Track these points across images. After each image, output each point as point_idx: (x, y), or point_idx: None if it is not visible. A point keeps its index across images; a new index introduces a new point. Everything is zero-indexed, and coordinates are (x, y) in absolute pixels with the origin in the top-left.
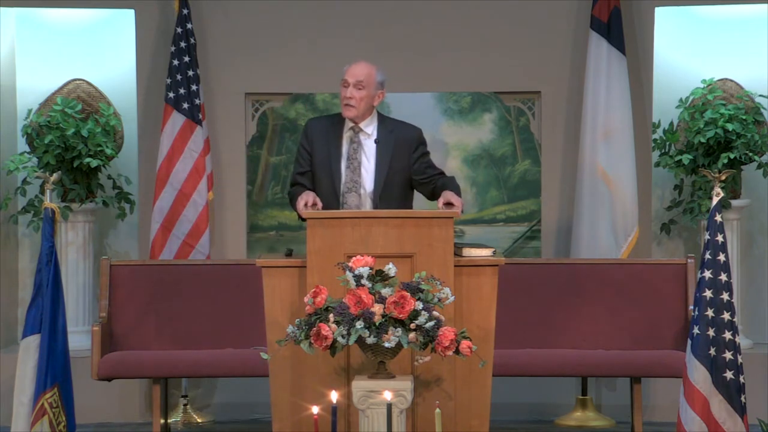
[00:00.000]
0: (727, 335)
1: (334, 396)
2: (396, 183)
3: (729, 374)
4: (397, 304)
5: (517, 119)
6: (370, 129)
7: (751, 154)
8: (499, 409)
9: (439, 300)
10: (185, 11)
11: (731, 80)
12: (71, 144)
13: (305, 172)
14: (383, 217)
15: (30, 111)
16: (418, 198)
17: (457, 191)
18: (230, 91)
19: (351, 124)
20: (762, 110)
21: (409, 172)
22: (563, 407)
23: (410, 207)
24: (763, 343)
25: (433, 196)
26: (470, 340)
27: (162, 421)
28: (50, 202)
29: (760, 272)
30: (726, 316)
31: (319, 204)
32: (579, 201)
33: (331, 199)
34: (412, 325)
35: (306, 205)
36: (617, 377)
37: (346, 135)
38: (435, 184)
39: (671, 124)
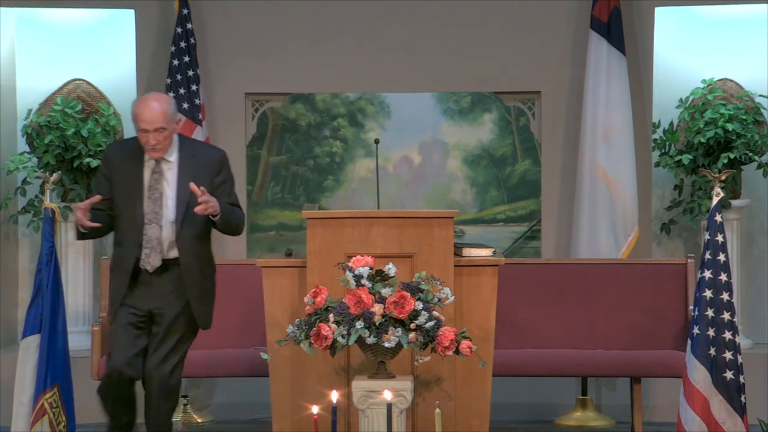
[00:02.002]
0: (727, 335)
1: (334, 396)
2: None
3: (729, 374)
4: (397, 304)
5: (517, 119)
6: (172, 157)
7: (751, 154)
8: (499, 409)
9: (439, 300)
10: (185, 11)
11: (731, 80)
12: (71, 144)
13: (104, 200)
14: (383, 217)
15: (30, 111)
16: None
17: (232, 216)
18: (230, 91)
19: None
20: (762, 110)
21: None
22: (563, 407)
23: (210, 234)
24: (763, 343)
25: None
26: (470, 340)
27: None
28: (50, 202)
29: (760, 272)
30: (726, 316)
31: (89, 202)
32: (579, 201)
33: (133, 230)
34: (412, 325)
35: (80, 213)
36: (617, 377)
37: (148, 164)
38: None
39: (671, 124)
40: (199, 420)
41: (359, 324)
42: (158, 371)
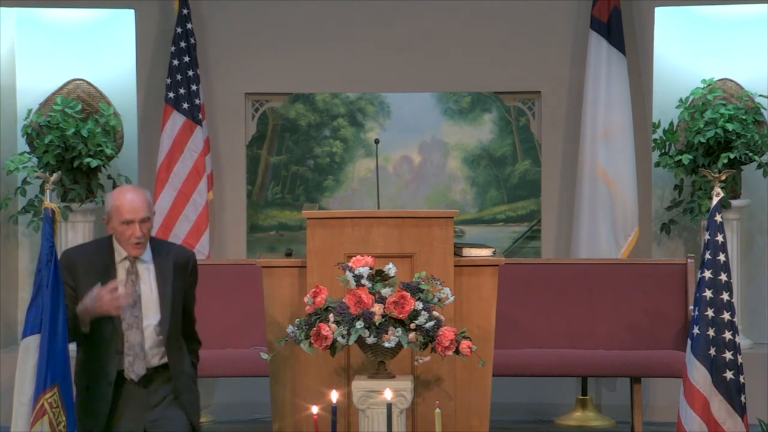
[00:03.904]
0: (727, 335)
1: (334, 396)
2: (179, 311)
3: (729, 374)
4: (397, 304)
5: (517, 119)
6: (146, 256)
7: (751, 154)
8: (499, 409)
9: (439, 300)
10: (185, 11)
11: (731, 80)
12: (71, 144)
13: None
14: (383, 217)
15: (30, 111)
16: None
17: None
18: (230, 91)
19: (125, 254)
20: (762, 110)
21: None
22: (563, 407)
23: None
24: (763, 343)
25: None
26: (470, 340)
27: None
28: (50, 202)
29: (760, 272)
30: (726, 316)
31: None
32: (579, 201)
33: (111, 338)
34: (412, 325)
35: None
36: (617, 377)
37: (121, 266)
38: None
39: (671, 124)
40: None
41: (359, 324)
42: None
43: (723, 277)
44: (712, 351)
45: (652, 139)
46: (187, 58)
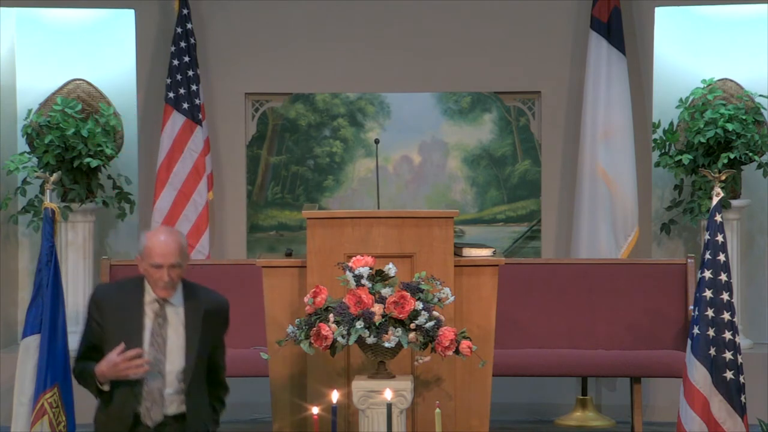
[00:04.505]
0: (727, 335)
1: (334, 396)
2: (205, 359)
3: (729, 374)
4: (397, 304)
5: (517, 119)
6: (177, 299)
7: (751, 154)
8: (499, 409)
9: (439, 300)
10: (185, 11)
11: (731, 80)
12: (71, 144)
13: (95, 347)
14: (383, 217)
15: (30, 111)
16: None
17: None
18: (230, 91)
19: (154, 296)
20: (762, 110)
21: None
22: (563, 407)
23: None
24: (763, 343)
25: None
26: (470, 340)
27: None
28: (50, 202)
29: (760, 272)
30: (726, 316)
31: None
32: (579, 201)
33: (133, 381)
34: (412, 325)
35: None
36: (617, 377)
37: (150, 307)
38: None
39: (671, 124)
40: None
41: (359, 324)
42: None
43: (723, 277)
44: (712, 351)
45: (652, 139)
46: (187, 58)
